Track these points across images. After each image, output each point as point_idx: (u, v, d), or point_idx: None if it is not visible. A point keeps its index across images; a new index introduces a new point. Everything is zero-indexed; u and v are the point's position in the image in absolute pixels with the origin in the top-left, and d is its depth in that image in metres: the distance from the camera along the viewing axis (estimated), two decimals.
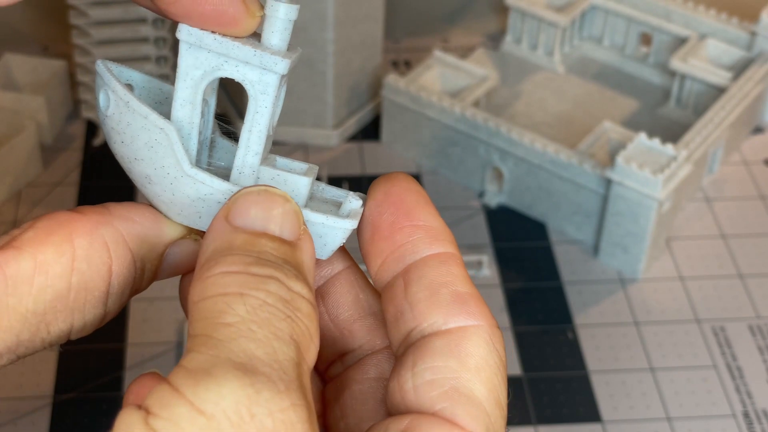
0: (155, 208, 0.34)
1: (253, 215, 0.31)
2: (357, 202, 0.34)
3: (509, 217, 0.81)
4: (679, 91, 0.86)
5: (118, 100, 0.33)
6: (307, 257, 0.32)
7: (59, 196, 0.81)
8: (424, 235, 0.33)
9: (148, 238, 0.34)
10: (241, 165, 0.33)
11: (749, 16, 0.91)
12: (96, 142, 0.85)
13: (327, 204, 0.35)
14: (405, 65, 0.93)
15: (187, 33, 0.32)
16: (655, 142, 0.75)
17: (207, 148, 0.35)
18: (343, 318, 0.35)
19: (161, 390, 0.28)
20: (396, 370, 0.32)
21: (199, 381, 0.27)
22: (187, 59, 0.33)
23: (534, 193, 0.80)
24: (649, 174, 0.73)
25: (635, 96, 0.89)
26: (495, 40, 0.94)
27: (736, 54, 0.86)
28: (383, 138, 0.86)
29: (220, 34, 0.32)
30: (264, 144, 0.33)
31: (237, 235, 0.31)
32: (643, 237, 0.75)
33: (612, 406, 0.69)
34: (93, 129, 0.86)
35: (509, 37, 0.91)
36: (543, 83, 0.89)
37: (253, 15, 0.32)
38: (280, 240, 0.31)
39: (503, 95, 0.87)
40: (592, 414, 0.68)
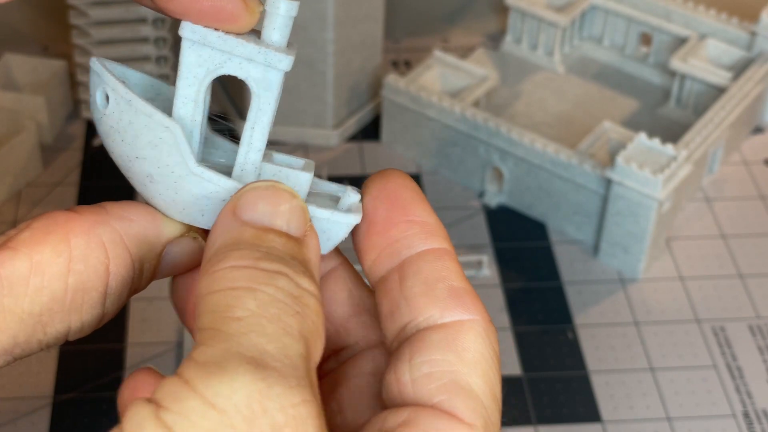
0: (154, 207, 0.34)
1: (261, 210, 0.31)
2: (356, 196, 0.34)
3: (509, 217, 0.81)
4: (679, 91, 0.86)
5: (118, 98, 0.32)
6: (313, 253, 0.32)
7: (59, 196, 0.81)
8: (419, 231, 0.33)
9: (146, 237, 0.33)
10: (244, 162, 0.33)
11: (749, 16, 0.91)
12: (96, 142, 0.85)
13: (324, 198, 0.35)
14: (405, 65, 0.93)
15: (191, 31, 0.32)
16: (655, 142, 0.75)
17: (203, 145, 0.35)
18: (338, 315, 0.35)
19: (172, 383, 0.27)
20: (392, 363, 0.32)
21: (211, 374, 0.27)
22: (190, 57, 0.32)
23: (534, 193, 0.80)
24: (649, 174, 0.73)
25: (635, 96, 0.89)
26: (495, 40, 0.94)
27: (736, 54, 0.86)
28: (383, 138, 0.86)
29: (223, 31, 0.32)
30: (266, 141, 0.33)
31: (245, 230, 0.31)
32: (643, 237, 0.75)
33: (612, 406, 0.69)
34: (93, 129, 0.86)
35: (509, 37, 0.91)
36: (543, 83, 0.89)
37: (252, 11, 0.32)
38: (287, 236, 0.31)
39: (503, 95, 0.87)
40: (592, 414, 0.68)
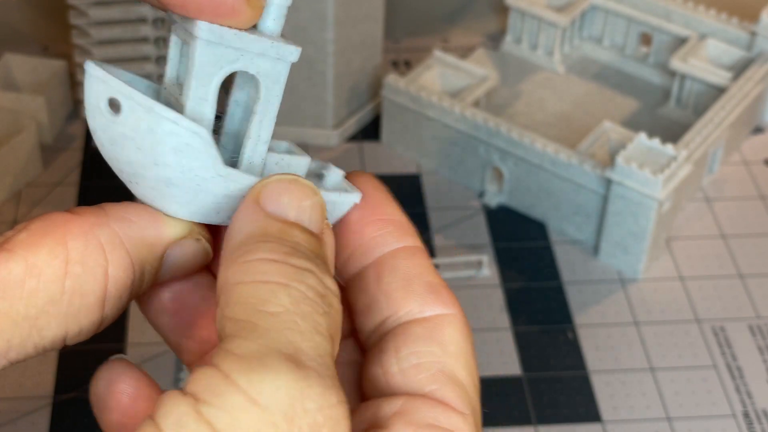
0: (160, 210, 0.33)
1: (285, 204, 0.31)
2: (340, 172, 0.35)
3: (509, 217, 0.81)
4: (679, 91, 0.86)
5: (134, 105, 0.31)
6: (330, 251, 0.32)
7: (59, 196, 0.81)
8: (392, 229, 0.34)
9: (146, 239, 0.33)
10: (251, 154, 0.33)
11: (749, 16, 0.91)
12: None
13: (309, 176, 0.35)
14: (405, 65, 0.93)
15: (208, 31, 0.31)
16: (655, 142, 0.75)
17: None
18: None
19: (210, 375, 0.27)
20: (376, 356, 0.33)
21: (252, 370, 0.27)
22: (205, 57, 0.32)
23: (534, 193, 0.80)
24: (649, 174, 0.73)
25: (635, 96, 0.89)
26: (495, 40, 0.94)
27: (736, 54, 0.86)
28: (383, 138, 0.86)
29: (226, 26, 0.31)
30: (272, 132, 0.34)
31: (271, 223, 0.31)
32: (643, 237, 0.75)
33: (612, 406, 0.69)
34: None
35: (509, 37, 0.91)
36: (543, 83, 0.89)
37: (254, 5, 0.31)
38: (309, 232, 0.31)
39: (503, 95, 0.87)
40: (592, 414, 0.68)
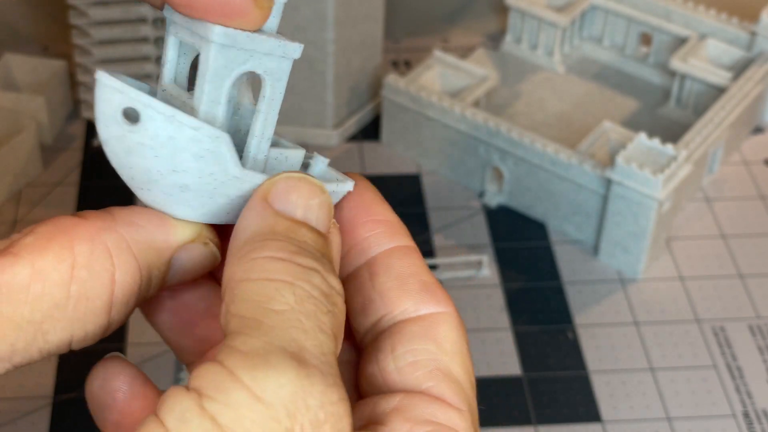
0: (170, 214, 0.33)
1: (293, 202, 0.32)
2: (326, 160, 0.36)
3: (509, 217, 0.81)
4: (679, 91, 0.86)
5: (154, 114, 0.31)
6: (336, 252, 0.33)
7: (59, 196, 0.81)
8: (385, 230, 0.35)
9: (154, 243, 0.32)
10: (256, 151, 0.34)
11: (749, 16, 0.91)
12: (96, 142, 0.85)
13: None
14: (405, 65, 0.93)
15: (224, 34, 0.31)
16: (655, 142, 0.75)
17: None
18: None
19: (214, 371, 0.27)
20: (372, 354, 0.33)
21: (256, 366, 0.27)
22: (219, 60, 0.32)
23: (534, 193, 0.80)
24: (649, 174, 0.73)
25: (635, 96, 0.89)
26: (495, 40, 0.94)
27: (736, 54, 0.86)
28: (383, 138, 0.86)
29: (232, 27, 0.31)
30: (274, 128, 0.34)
31: (279, 221, 0.31)
32: (643, 237, 0.75)
33: (612, 406, 0.69)
34: (93, 129, 0.86)
35: (509, 37, 0.91)
36: (543, 83, 0.89)
37: (261, 6, 0.31)
38: (317, 232, 0.32)
39: (503, 95, 0.87)
40: (592, 414, 0.68)
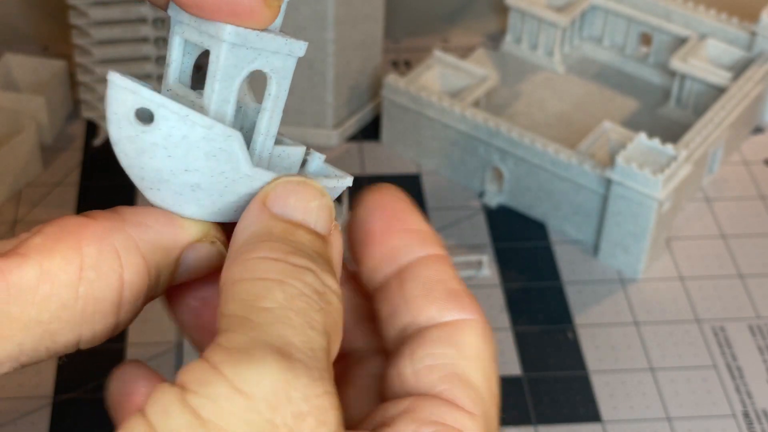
0: (177, 213, 0.33)
1: (292, 205, 0.32)
2: (322, 156, 0.36)
3: (509, 217, 0.81)
4: (679, 91, 0.86)
5: (168, 114, 0.31)
6: (336, 253, 0.33)
7: (59, 196, 0.81)
8: (416, 239, 0.35)
9: (162, 243, 0.32)
10: (261, 149, 0.34)
11: (749, 16, 0.91)
12: (96, 142, 0.85)
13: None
14: (405, 65, 0.93)
15: (235, 34, 0.31)
16: (655, 142, 0.75)
17: None
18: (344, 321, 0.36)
19: (198, 367, 0.28)
20: (393, 360, 0.33)
21: (239, 361, 0.28)
22: (230, 59, 0.32)
23: (534, 193, 0.80)
24: (649, 174, 0.73)
25: (635, 96, 0.89)
26: (495, 40, 0.94)
27: (736, 54, 0.86)
28: (383, 138, 0.86)
29: (242, 27, 0.31)
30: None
31: (276, 223, 0.32)
32: (643, 237, 0.75)
33: (612, 406, 0.69)
34: (93, 129, 0.86)
35: (509, 37, 0.91)
36: (543, 83, 0.89)
37: (270, 5, 0.31)
38: (315, 233, 0.32)
39: (503, 95, 0.87)
40: (592, 414, 0.68)
